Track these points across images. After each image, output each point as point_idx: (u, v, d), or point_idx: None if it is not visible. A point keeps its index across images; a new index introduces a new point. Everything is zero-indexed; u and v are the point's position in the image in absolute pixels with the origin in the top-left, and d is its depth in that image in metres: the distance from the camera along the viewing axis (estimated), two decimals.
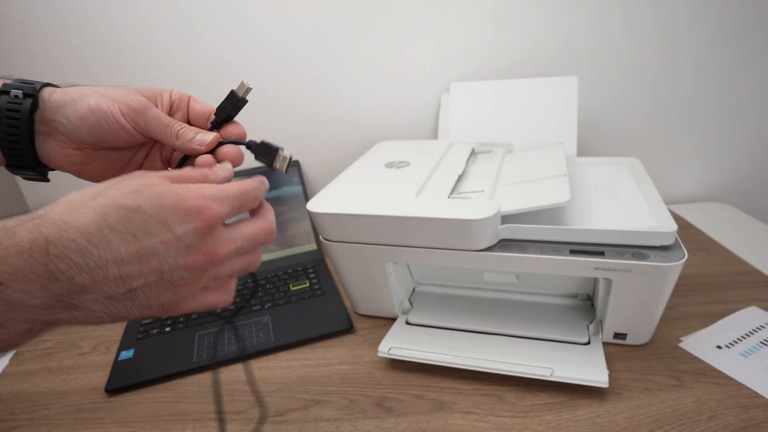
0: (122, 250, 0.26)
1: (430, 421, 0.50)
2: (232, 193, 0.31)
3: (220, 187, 0.30)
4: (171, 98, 0.39)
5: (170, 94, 0.39)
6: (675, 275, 0.50)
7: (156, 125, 0.36)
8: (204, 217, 0.28)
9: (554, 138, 0.78)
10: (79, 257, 0.25)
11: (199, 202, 0.28)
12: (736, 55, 0.86)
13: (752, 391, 0.51)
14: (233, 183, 0.32)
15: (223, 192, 0.30)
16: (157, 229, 0.27)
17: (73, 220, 0.25)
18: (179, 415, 0.54)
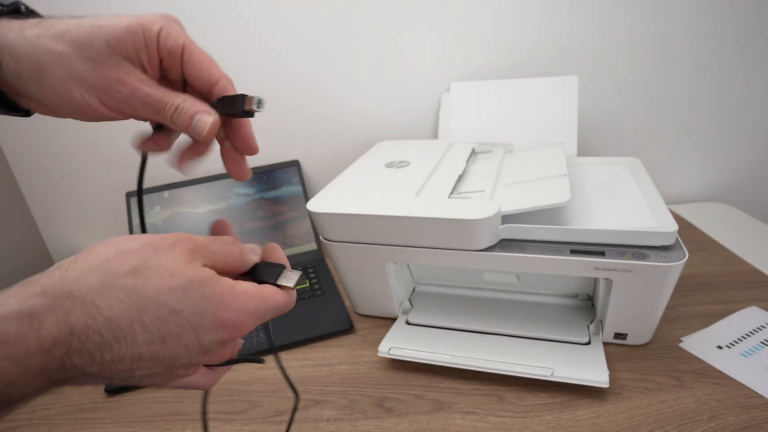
0: (144, 349, 0.24)
1: (430, 422, 0.50)
2: (269, 311, 0.29)
3: (262, 301, 0.28)
4: (160, 49, 0.29)
5: (157, 43, 0.29)
6: (675, 275, 0.50)
7: (144, 109, 0.30)
8: (236, 332, 0.27)
9: (554, 138, 0.78)
10: (98, 351, 0.23)
11: (238, 318, 0.26)
12: (736, 54, 0.86)
13: (753, 391, 0.51)
14: (275, 296, 0.29)
15: (264, 308, 0.28)
16: (187, 335, 0.25)
17: (106, 306, 0.23)
18: (179, 415, 0.54)
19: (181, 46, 0.29)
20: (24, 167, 0.86)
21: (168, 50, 0.29)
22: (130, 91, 0.29)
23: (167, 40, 0.29)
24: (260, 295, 0.28)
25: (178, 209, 0.81)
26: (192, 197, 0.82)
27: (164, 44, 0.29)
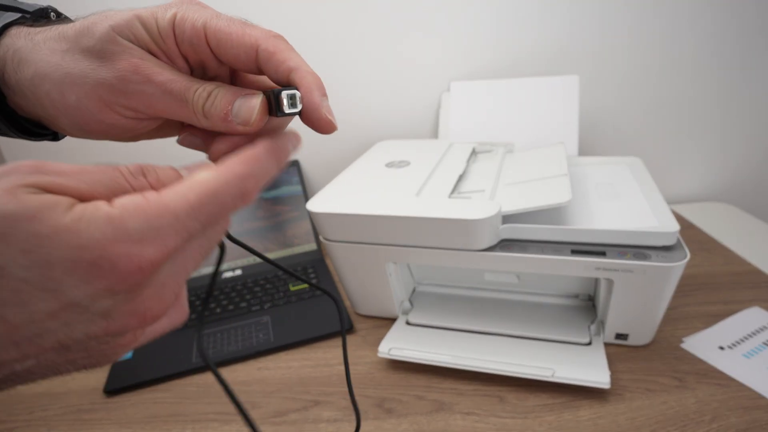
0: None
1: (430, 422, 0.50)
2: (185, 211, 0.18)
3: (157, 202, 0.18)
4: (180, 43, 0.23)
5: (174, 36, 0.23)
6: (677, 275, 0.50)
7: (164, 103, 0.23)
8: (122, 274, 0.17)
9: (555, 137, 0.78)
10: None
11: (114, 252, 0.17)
12: (737, 54, 0.86)
13: (755, 392, 0.50)
14: (193, 184, 0.19)
15: (162, 217, 0.18)
16: (37, 300, 0.17)
17: None
18: (179, 415, 0.54)
19: (201, 29, 0.23)
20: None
21: (188, 42, 0.23)
22: (144, 77, 0.22)
23: (183, 29, 0.23)
24: (151, 202, 0.18)
25: None
26: None
27: (181, 35, 0.23)
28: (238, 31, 0.23)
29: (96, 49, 0.23)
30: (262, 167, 0.21)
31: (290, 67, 0.23)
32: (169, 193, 0.18)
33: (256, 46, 0.23)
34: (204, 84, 0.23)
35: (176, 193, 0.19)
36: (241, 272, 0.79)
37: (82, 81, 0.23)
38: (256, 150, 0.21)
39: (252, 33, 0.23)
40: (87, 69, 0.23)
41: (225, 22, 0.23)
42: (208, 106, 0.23)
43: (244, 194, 0.20)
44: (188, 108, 0.23)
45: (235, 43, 0.23)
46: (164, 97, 0.23)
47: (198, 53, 0.23)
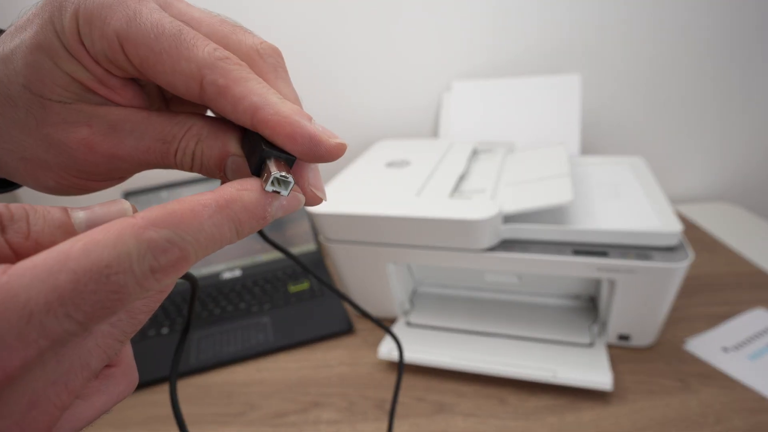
0: None
1: (430, 424, 0.50)
2: (44, 303, 0.12)
3: None
4: (98, 60, 0.16)
5: (78, 37, 0.16)
6: (680, 276, 0.49)
7: (146, 168, 0.19)
8: None
9: (557, 137, 0.77)
10: None
11: None
12: (741, 52, 0.85)
13: (759, 394, 0.50)
14: (66, 252, 0.12)
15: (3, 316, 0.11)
16: None
17: None
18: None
19: (114, 39, 0.16)
20: None
21: (104, 57, 0.16)
22: (106, 156, 0.18)
23: (93, 43, 0.16)
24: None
25: None
26: None
27: (92, 47, 0.16)
28: (170, 50, 0.16)
29: (30, 126, 0.17)
30: (198, 230, 0.14)
31: (253, 105, 0.16)
32: (22, 274, 0.12)
33: (199, 77, 0.16)
34: (182, 141, 0.18)
35: (34, 274, 0.12)
36: (240, 273, 0.78)
37: (45, 165, 0.18)
38: (196, 200, 0.14)
39: (191, 55, 0.16)
40: (39, 151, 0.18)
41: (150, 31, 0.15)
42: (198, 167, 0.18)
43: (155, 271, 0.13)
44: (170, 163, 0.18)
45: (167, 68, 0.16)
46: (141, 167, 0.19)
47: (123, 70, 0.17)
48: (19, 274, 0.12)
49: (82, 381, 0.15)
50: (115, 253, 0.13)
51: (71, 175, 0.18)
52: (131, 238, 0.13)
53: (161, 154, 0.18)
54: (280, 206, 0.17)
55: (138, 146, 0.18)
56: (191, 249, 0.14)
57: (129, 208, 0.16)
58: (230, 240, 0.15)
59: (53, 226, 0.14)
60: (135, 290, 0.13)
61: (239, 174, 0.18)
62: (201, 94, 0.16)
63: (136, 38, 0.15)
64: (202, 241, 0.14)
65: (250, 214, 0.16)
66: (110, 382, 0.18)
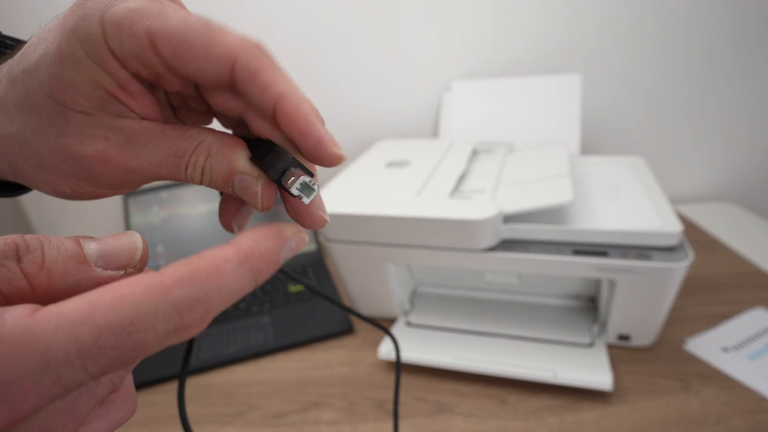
0: None
1: (431, 424, 0.50)
2: (64, 352, 0.12)
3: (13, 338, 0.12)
4: (125, 64, 0.17)
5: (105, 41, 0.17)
6: (680, 276, 0.49)
7: (156, 179, 0.19)
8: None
9: (557, 137, 0.77)
10: None
11: None
12: (741, 52, 0.85)
13: (760, 394, 0.50)
14: (82, 307, 0.13)
15: (11, 366, 0.12)
16: None
17: None
18: (176, 417, 0.53)
19: (143, 37, 0.16)
20: None
21: (134, 58, 0.17)
22: (121, 169, 0.19)
23: (122, 44, 0.16)
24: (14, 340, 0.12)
25: (177, 209, 0.81)
26: (191, 197, 0.81)
27: (121, 53, 0.17)
28: (202, 37, 0.16)
29: (50, 135, 0.18)
30: (222, 286, 0.15)
31: (279, 94, 0.17)
32: (48, 321, 0.12)
33: (232, 60, 0.17)
34: (192, 155, 0.18)
35: (59, 323, 0.12)
36: None
37: (61, 174, 0.19)
38: (219, 256, 0.15)
39: (224, 40, 0.17)
40: (57, 161, 0.19)
41: (179, 22, 0.16)
42: (207, 182, 0.19)
43: (178, 330, 0.14)
44: (180, 176, 0.19)
45: (199, 54, 0.16)
46: (153, 178, 0.19)
47: (149, 68, 0.17)
48: (45, 320, 0.12)
49: (88, 409, 0.15)
50: (141, 311, 0.13)
51: (87, 184, 0.19)
52: (159, 297, 0.13)
53: (173, 168, 0.19)
54: (290, 249, 0.18)
55: (151, 160, 0.19)
56: (214, 305, 0.15)
57: (139, 240, 0.17)
58: (249, 290, 0.16)
59: (66, 257, 0.15)
60: (154, 347, 0.13)
61: (246, 191, 0.19)
62: (231, 78, 0.17)
63: (167, 31, 0.16)
64: (224, 296, 0.15)
65: (267, 263, 0.16)
66: (110, 407, 0.18)
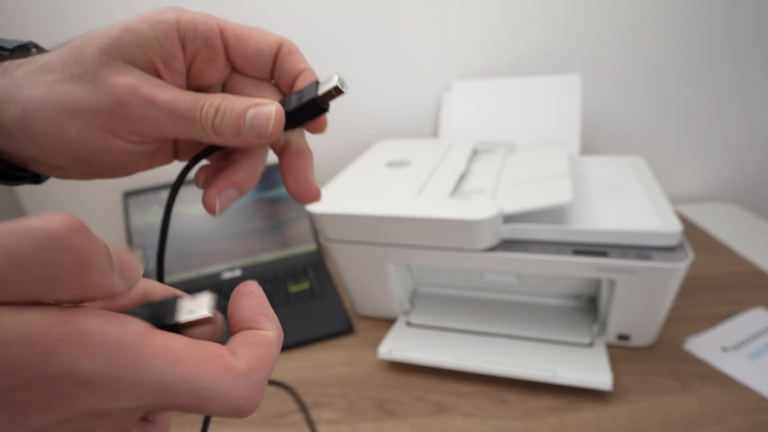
0: None
1: (431, 424, 0.50)
2: None
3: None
4: (187, 44, 0.22)
5: (180, 34, 0.22)
6: (680, 276, 0.49)
7: (171, 123, 0.21)
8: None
9: (557, 137, 0.77)
10: None
11: None
12: (741, 52, 0.85)
13: (759, 394, 0.50)
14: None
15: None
16: None
17: None
18: (177, 416, 0.54)
19: (216, 28, 0.22)
20: None
21: (203, 39, 0.22)
22: (144, 100, 0.21)
23: (195, 29, 0.22)
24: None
25: (176, 209, 0.81)
26: (190, 198, 0.81)
27: (193, 34, 0.22)
28: (258, 31, 0.24)
29: (87, 75, 0.21)
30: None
31: (302, 68, 0.24)
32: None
33: (279, 43, 0.24)
34: (210, 98, 0.21)
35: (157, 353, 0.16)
36: (240, 273, 0.78)
37: (78, 111, 0.21)
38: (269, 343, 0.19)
39: (271, 35, 0.24)
40: (81, 98, 0.21)
41: (238, 25, 0.24)
42: (218, 122, 0.21)
43: (241, 412, 0.18)
44: (197, 126, 0.21)
45: (258, 39, 0.23)
46: (170, 117, 0.21)
47: (209, 53, 0.23)
48: (154, 347, 0.15)
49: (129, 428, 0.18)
50: (219, 387, 0.17)
51: (97, 123, 0.21)
52: (234, 381, 0.17)
53: (190, 106, 0.21)
54: None
55: (173, 96, 0.21)
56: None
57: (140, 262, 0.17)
58: None
59: None
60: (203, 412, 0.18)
61: (258, 117, 0.21)
62: (277, 54, 0.24)
63: (234, 26, 0.23)
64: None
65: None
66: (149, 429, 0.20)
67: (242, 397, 0.17)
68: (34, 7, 0.75)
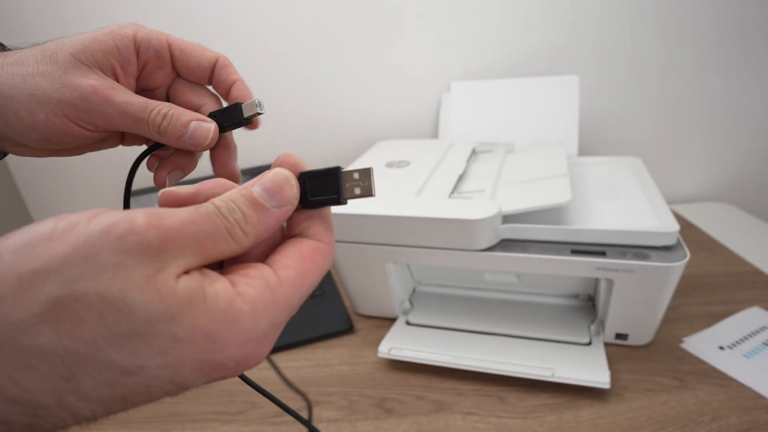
0: (96, 413, 0.17)
1: (430, 422, 0.50)
2: (297, 302, 0.19)
3: (283, 297, 0.18)
4: (141, 53, 0.28)
5: (136, 48, 0.27)
6: (677, 276, 0.50)
7: (122, 120, 0.26)
8: (243, 368, 0.18)
9: (555, 137, 0.78)
10: None
11: (242, 354, 0.17)
12: (738, 54, 0.86)
13: (755, 392, 0.50)
14: (301, 268, 0.20)
15: (283, 313, 0.18)
16: (161, 391, 0.17)
17: (12, 387, 0.14)
18: (178, 415, 0.54)
19: (165, 42, 0.28)
20: (22, 167, 0.86)
21: (154, 51, 0.28)
22: (103, 99, 0.26)
23: (149, 42, 0.28)
24: (278, 297, 0.18)
25: None
26: None
27: (146, 46, 0.28)
28: (197, 47, 0.29)
29: (57, 73, 0.26)
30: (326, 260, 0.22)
31: (235, 79, 0.29)
32: (290, 286, 0.19)
33: (215, 58, 0.29)
34: (158, 105, 0.27)
35: (293, 284, 0.19)
36: None
37: (47, 101, 0.26)
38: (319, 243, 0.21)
39: (210, 51, 0.29)
40: (50, 90, 0.26)
41: (185, 41, 0.29)
42: (164, 126, 0.27)
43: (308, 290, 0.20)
44: (144, 126, 0.27)
45: (198, 54, 0.29)
46: (121, 115, 0.26)
47: (161, 59, 0.28)
48: (288, 285, 0.19)
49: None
50: (317, 279, 0.21)
51: (62, 112, 0.26)
52: (323, 268, 0.21)
53: (140, 109, 0.26)
54: None
55: (127, 99, 0.26)
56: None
57: (290, 176, 0.22)
58: None
59: (250, 211, 0.20)
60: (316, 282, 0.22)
61: (199, 129, 0.27)
62: (214, 67, 0.29)
63: (179, 41, 0.29)
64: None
65: None
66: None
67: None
68: (35, 7, 0.75)
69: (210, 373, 0.17)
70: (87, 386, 0.15)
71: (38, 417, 0.15)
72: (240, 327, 0.17)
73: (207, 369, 0.17)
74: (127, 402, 0.17)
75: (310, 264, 0.20)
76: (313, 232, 0.21)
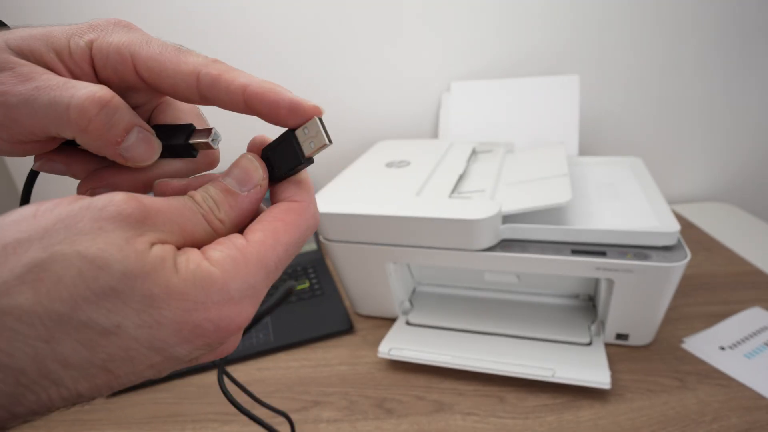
0: (80, 387, 0.17)
1: (430, 423, 0.50)
2: (274, 264, 0.19)
3: (255, 258, 0.18)
4: (97, 68, 0.21)
5: (90, 52, 0.21)
6: (677, 276, 0.50)
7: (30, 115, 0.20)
8: (223, 333, 0.18)
9: (556, 137, 0.78)
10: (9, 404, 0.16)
11: (221, 315, 0.18)
12: (739, 53, 0.86)
13: (756, 392, 0.50)
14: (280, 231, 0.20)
15: (258, 275, 0.19)
16: (143, 358, 0.17)
17: None
18: (178, 416, 0.54)
19: (128, 57, 0.21)
20: (22, 167, 0.86)
21: (112, 69, 0.21)
22: (38, 106, 0.20)
23: (106, 56, 0.21)
24: (248, 257, 0.18)
25: None
26: None
27: (103, 62, 0.21)
28: (172, 59, 0.21)
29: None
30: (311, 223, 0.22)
31: (243, 84, 0.21)
32: (259, 247, 0.19)
33: (196, 74, 0.21)
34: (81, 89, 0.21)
35: (263, 243, 0.19)
36: None
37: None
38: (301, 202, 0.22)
39: (189, 60, 0.21)
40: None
41: (156, 49, 0.21)
42: (107, 128, 0.20)
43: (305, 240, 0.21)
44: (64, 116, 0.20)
45: (170, 72, 0.21)
46: (67, 119, 0.21)
47: (124, 80, 0.21)
48: (257, 247, 0.19)
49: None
50: (309, 229, 0.22)
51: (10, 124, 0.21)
52: (309, 219, 0.22)
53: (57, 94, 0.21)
54: None
55: (47, 80, 0.21)
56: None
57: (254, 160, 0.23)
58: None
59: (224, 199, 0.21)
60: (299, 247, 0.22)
61: (143, 141, 0.21)
62: (198, 86, 0.21)
63: (147, 55, 0.21)
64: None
65: None
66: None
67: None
68: (35, 7, 0.75)
69: (190, 337, 0.17)
70: (67, 349, 0.15)
71: (21, 385, 0.15)
72: (210, 287, 0.17)
73: (185, 332, 0.17)
74: (109, 372, 0.16)
75: (280, 223, 0.20)
76: (285, 195, 0.22)
